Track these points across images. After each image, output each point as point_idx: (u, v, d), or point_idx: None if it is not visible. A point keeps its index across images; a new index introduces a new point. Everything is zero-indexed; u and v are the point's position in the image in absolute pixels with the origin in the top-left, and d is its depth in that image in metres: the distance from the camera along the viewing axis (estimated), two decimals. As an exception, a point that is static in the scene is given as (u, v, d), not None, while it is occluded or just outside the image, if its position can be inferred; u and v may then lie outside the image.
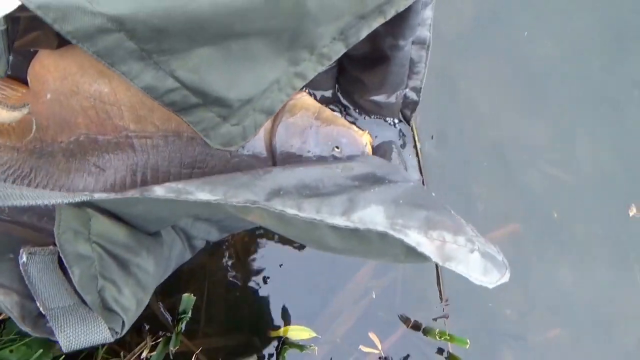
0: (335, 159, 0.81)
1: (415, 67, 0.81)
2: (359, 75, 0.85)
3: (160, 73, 0.54)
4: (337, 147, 0.81)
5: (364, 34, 0.66)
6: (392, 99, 0.86)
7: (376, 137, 0.91)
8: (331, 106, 0.90)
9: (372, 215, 0.50)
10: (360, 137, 0.84)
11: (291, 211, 0.50)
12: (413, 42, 0.78)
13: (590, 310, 1.06)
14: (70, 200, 0.53)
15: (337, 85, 0.91)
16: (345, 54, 0.84)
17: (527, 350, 1.04)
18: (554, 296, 1.06)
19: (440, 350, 1.00)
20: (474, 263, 0.48)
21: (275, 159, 0.80)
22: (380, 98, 0.87)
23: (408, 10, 0.70)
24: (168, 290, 0.97)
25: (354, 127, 0.85)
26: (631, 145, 1.11)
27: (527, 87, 1.11)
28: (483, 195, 1.06)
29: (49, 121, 0.77)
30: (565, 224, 1.07)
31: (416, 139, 1.03)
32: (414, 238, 0.48)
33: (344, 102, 0.91)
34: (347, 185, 0.57)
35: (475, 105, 1.09)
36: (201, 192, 0.53)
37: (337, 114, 0.86)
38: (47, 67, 0.77)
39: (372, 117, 0.91)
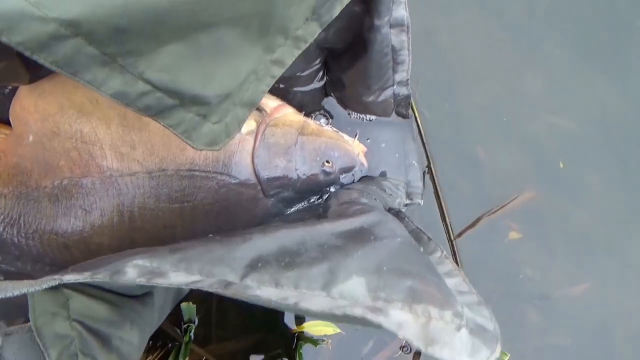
0: (327, 174, 0.79)
1: (398, 56, 0.77)
2: (344, 75, 0.83)
3: (128, 77, 0.48)
4: (328, 162, 0.78)
5: (336, 10, 0.61)
6: (382, 97, 0.83)
7: (368, 139, 0.88)
8: (318, 114, 0.86)
9: (353, 288, 0.46)
10: (352, 147, 0.80)
11: (266, 292, 0.46)
12: (391, 26, 0.74)
13: (616, 259, 1.00)
14: (39, 288, 0.50)
15: (326, 96, 0.89)
16: (329, 54, 0.80)
17: (554, 307, 0.98)
18: (575, 249, 1.00)
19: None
20: (460, 343, 0.44)
21: (262, 184, 0.77)
22: (370, 99, 0.83)
23: None
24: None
25: (343, 137, 0.81)
26: (634, 82, 1.05)
27: (515, 36, 1.05)
28: (488, 158, 1.01)
29: (33, 165, 0.75)
30: (574, 171, 1.01)
31: (420, 125, 0.99)
32: (396, 318, 0.44)
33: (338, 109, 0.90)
34: (330, 246, 0.53)
35: (465, 64, 1.04)
36: (175, 274, 0.49)
37: (324, 125, 0.83)
38: (27, 108, 0.75)
39: (367, 118, 0.87)
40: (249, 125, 0.78)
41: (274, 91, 0.86)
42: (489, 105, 1.02)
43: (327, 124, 0.86)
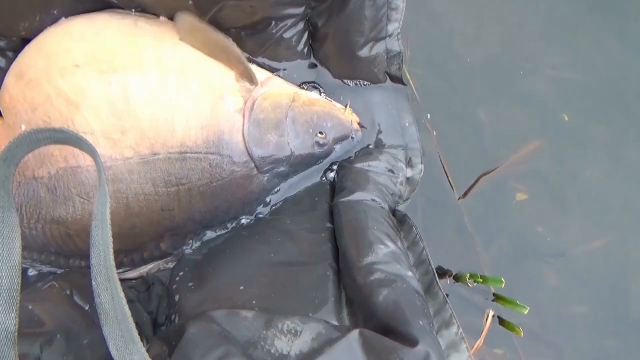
0: (321, 145, 0.79)
1: (393, 1, 0.76)
2: (334, 24, 0.81)
3: None
4: (321, 133, 0.78)
5: None
6: (373, 51, 0.81)
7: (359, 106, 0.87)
8: (309, 86, 0.86)
9: None
10: (344, 116, 0.80)
11: None
12: None
13: (632, 210, 0.97)
14: None
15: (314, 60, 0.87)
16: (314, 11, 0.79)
17: (571, 265, 0.95)
18: (588, 203, 0.96)
19: (481, 291, 0.91)
20: None
21: (255, 161, 0.77)
22: (362, 52, 0.81)
23: None
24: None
25: (335, 105, 0.81)
26: (638, 31, 1.01)
27: None
28: (490, 118, 0.98)
29: (28, 156, 0.75)
30: (579, 124, 0.98)
31: (413, 87, 0.96)
32: None
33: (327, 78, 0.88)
34: None
35: (459, 23, 1.00)
36: None
37: (316, 94, 0.82)
38: (15, 98, 0.75)
39: (356, 83, 0.86)
40: (237, 102, 0.77)
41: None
42: (487, 63, 0.99)
43: (321, 94, 0.85)
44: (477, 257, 0.93)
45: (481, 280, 0.87)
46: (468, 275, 0.89)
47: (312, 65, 0.88)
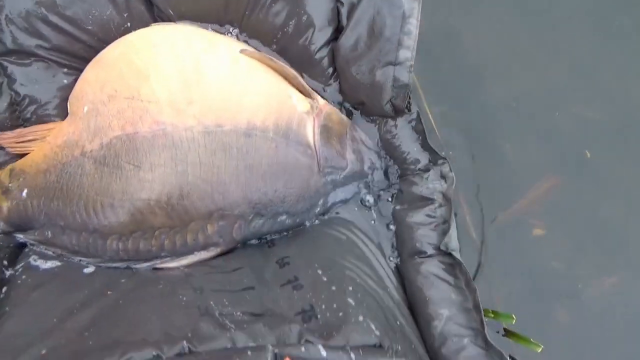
0: (371, 168, 0.81)
1: (406, 24, 0.76)
2: (349, 30, 0.81)
3: None
4: (371, 160, 0.82)
5: None
6: (380, 75, 0.79)
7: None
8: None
9: None
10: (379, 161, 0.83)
11: None
12: None
13: None
14: None
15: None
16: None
17: (584, 303, 0.90)
18: (604, 240, 0.91)
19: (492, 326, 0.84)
20: None
21: (319, 158, 0.76)
22: (368, 69, 0.80)
23: None
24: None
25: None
26: None
27: (535, 28, 1.02)
28: (513, 152, 0.95)
29: (81, 134, 0.73)
30: (601, 162, 0.94)
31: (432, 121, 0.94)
32: None
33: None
34: None
35: (486, 59, 1.00)
36: None
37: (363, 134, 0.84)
38: (87, 80, 0.75)
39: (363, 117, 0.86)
40: (304, 105, 0.77)
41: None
42: (512, 100, 0.99)
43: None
44: (490, 292, 0.91)
45: (492, 316, 0.85)
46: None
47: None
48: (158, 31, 0.77)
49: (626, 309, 0.90)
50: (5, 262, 0.71)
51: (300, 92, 0.78)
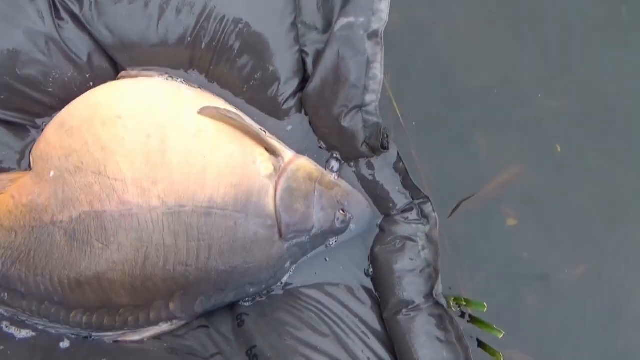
0: (342, 222, 0.81)
1: (370, 69, 0.80)
2: (316, 78, 0.84)
3: None
4: (343, 211, 0.81)
5: None
6: (349, 120, 0.82)
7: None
8: (331, 158, 0.88)
9: None
10: (363, 200, 0.84)
11: None
12: (368, 36, 0.79)
13: (617, 242, 0.96)
14: None
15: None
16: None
17: (552, 291, 0.93)
18: (574, 230, 0.95)
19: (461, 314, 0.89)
20: None
21: (281, 225, 0.78)
22: (339, 113, 0.82)
23: None
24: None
25: (354, 190, 0.85)
26: (631, 61, 1.01)
27: (508, 18, 1.02)
28: (484, 142, 0.97)
29: (50, 200, 0.75)
30: (572, 154, 0.97)
31: (400, 117, 0.95)
32: None
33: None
34: None
35: (457, 49, 1.01)
36: None
37: (338, 179, 0.85)
38: (52, 144, 0.77)
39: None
40: (267, 168, 0.80)
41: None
42: (483, 90, 0.99)
43: (337, 171, 0.87)
44: (461, 280, 0.92)
45: (464, 303, 0.86)
46: (452, 298, 0.87)
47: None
48: (123, 97, 0.78)
49: (595, 297, 0.94)
50: None
51: (266, 149, 0.81)
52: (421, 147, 0.95)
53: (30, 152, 0.81)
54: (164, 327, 0.77)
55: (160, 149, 0.75)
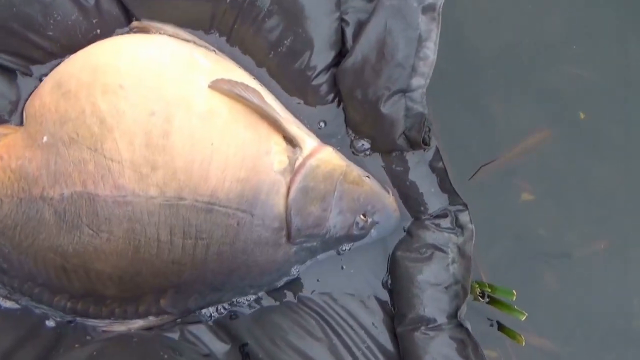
0: (360, 228, 0.73)
1: (422, 48, 0.70)
2: (358, 52, 0.73)
3: None
4: (364, 215, 0.72)
5: None
6: (391, 105, 0.72)
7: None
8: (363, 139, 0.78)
9: None
10: (390, 202, 0.74)
11: None
12: (423, 9, 0.69)
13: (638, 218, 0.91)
14: None
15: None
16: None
17: (571, 267, 0.89)
18: (594, 205, 0.91)
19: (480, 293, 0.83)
20: None
21: (290, 229, 0.70)
22: (378, 96, 0.72)
23: None
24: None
25: (382, 190, 0.75)
26: None
27: None
28: (502, 109, 0.91)
29: (41, 170, 0.68)
30: (595, 123, 0.91)
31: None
32: None
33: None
34: None
35: (474, 10, 0.93)
36: None
37: (366, 174, 0.75)
38: (47, 105, 0.69)
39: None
40: (282, 162, 0.70)
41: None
42: (503, 54, 0.92)
43: (366, 151, 0.78)
44: (477, 258, 0.85)
45: (489, 290, 0.79)
46: (477, 284, 0.80)
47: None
48: (129, 62, 0.68)
49: (615, 273, 0.89)
50: None
51: (284, 137, 0.72)
52: (436, 114, 0.86)
53: (24, 106, 0.73)
54: (152, 320, 0.73)
55: (164, 130, 0.66)
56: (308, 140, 0.73)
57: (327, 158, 0.72)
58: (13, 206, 0.69)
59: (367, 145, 0.78)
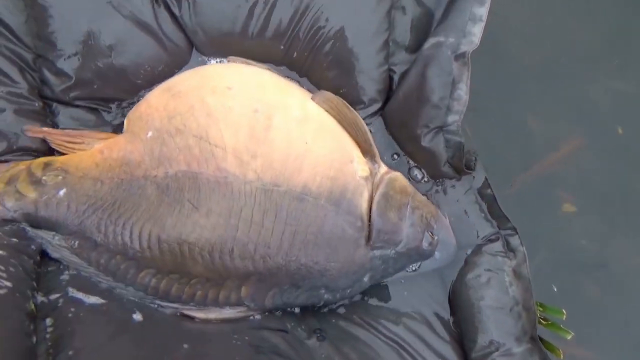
0: (429, 244, 0.77)
1: (455, 89, 0.77)
2: (400, 93, 0.82)
3: None
4: (432, 233, 0.77)
5: None
6: (430, 140, 0.80)
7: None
8: (415, 168, 0.86)
9: None
10: (450, 227, 0.80)
11: None
12: (455, 57, 0.76)
13: None
14: None
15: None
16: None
17: (615, 280, 0.87)
18: (636, 218, 0.89)
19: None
20: None
21: (372, 230, 0.75)
22: (420, 133, 0.80)
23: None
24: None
25: (442, 215, 0.81)
26: None
27: None
28: (539, 123, 0.92)
29: (144, 157, 0.74)
30: (634, 138, 0.91)
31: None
32: None
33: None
34: None
35: (515, 26, 0.96)
36: None
37: (429, 200, 0.82)
38: (154, 106, 0.76)
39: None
40: (364, 170, 0.78)
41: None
42: (541, 69, 0.95)
43: (421, 180, 0.85)
44: None
45: (541, 309, 0.79)
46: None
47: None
48: (235, 72, 0.79)
49: None
50: (34, 284, 0.69)
51: (365, 151, 0.78)
52: (474, 125, 0.92)
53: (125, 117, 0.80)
54: (227, 312, 0.73)
55: (265, 125, 0.74)
56: (382, 163, 0.81)
57: (400, 177, 0.81)
58: (113, 185, 0.73)
59: (420, 175, 0.85)
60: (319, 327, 0.75)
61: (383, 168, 0.80)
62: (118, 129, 0.81)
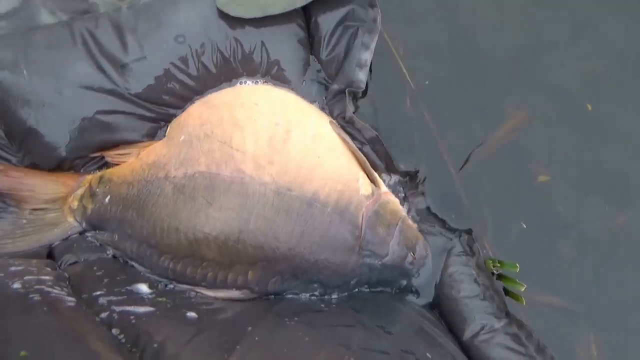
0: (410, 264, 0.83)
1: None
2: None
3: None
4: (413, 254, 0.83)
5: None
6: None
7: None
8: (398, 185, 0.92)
9: None
10: (429, 253, 0.85)
11: None
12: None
13: None
14: None
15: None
16: None
17: (590, 242, 0.92)
18: (608, 186, 0.93)
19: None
20: None
21: (362, 239, 0.81)
22: None
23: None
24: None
25: (425, 243, 0.87)
26: None
27: None
28: (510, 108, 0.95)
29: (171, 159, 0.83)
30: (602, 113, 0.94)
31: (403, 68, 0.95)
32: None
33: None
34: None
35: (481, 15, 1.00)
36: None
37: (417, 227, 0.88)
38: (192, 114, 0.86)
39: None
40: (367, 189, 0.84)
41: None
42: (511, 57, 0.99)
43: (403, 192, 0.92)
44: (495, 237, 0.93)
45: (499, 265, 0.88)
46: (490, 261, 0.89)
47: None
48: (264, 91, 0.88)
49: (634, 247, 0.92)
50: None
51: (368, 176, 0.86)
52: (439, 113, 0.97)
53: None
54: (233, 293, 0.80)
55: (283, 138, 0.82)
56: (383, 185, 0.88)
57: (394, 201, 0.87)
58: (141, 187, 0.83)
59: (402, 190, 0.93)
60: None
61: (383, 190, 0.86)
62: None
